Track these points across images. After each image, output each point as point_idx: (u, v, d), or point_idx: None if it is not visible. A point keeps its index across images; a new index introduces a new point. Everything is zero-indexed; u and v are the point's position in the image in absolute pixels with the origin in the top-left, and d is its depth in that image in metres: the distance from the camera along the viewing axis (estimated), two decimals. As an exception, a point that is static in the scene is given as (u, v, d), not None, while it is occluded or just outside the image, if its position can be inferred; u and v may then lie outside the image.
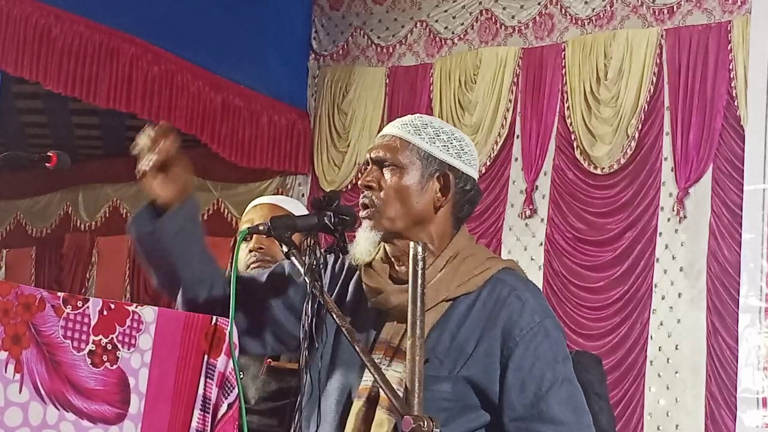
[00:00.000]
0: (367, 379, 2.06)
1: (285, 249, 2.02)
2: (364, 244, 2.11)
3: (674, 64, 6.38)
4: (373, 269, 2.15)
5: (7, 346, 1.61)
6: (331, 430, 2.09)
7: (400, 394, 1.83)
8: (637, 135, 6.42)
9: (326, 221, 2.05)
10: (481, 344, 2.05)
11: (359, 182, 2.16)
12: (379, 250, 2.18)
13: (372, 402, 2.03)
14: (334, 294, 2.18)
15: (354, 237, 2.14)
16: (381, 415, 2.01)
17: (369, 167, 2.16)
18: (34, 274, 9.81)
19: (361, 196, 2.15)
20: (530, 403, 2.02)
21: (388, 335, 2.09)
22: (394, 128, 2.19)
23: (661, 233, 6.30)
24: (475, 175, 2.20)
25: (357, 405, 2.05)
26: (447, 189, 2.14)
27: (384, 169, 2.14)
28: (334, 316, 1.93)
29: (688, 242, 6.22)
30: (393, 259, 2.15)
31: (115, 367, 1.72)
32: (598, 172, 6.52)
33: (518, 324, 2.05)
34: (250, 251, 2.87)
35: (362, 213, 2.14)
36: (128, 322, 1.74)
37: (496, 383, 2.04)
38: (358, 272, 2.18)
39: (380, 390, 2.00)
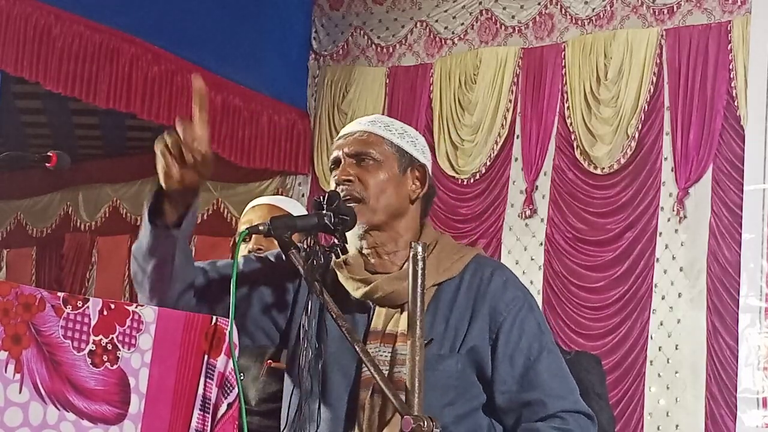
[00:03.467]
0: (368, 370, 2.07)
1: (285, 249, 2.03)
2: (349, 236, 2.13)
3: (674, 64, 6.38)
4: (350, 264, 2.18)
5: (7, 346, 1.61)
6: (340, 425, 2.10)
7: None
8: (637, 135, 6.42)
9: (326, 221, 2.05)
10: (474, 322, 2.11)
11: (335, 178, 2.17)
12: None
13: (379, 389, 2.02)
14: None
15: None
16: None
17: (344, 162, 2.18)
18: (35, 274, 9.81)
19: (339, 190, 2.14)
20: (520, 375, 2.09)
21: (380, 324, 2.12)
22: (361, 125, 2.22)
23: (661, 233, 6.30)
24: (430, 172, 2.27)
25: (364, 396, 2.07)
26: (423, 181, 2.21)
27: (362, 164, 2.17)
28: (334, 315, 1.94)
29: (688, 242, 6.22)
30: (369, 251, 2.17)
31: (115, 367, 1.72)
32: (598, 172, 6.52)
33: (503, 299, 2.13)
34: (249, 252, 2.86)
35: None
36: (128, 322, 1.74)
37: (489, 358, 2.10)
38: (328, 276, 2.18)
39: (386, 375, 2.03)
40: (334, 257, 2.18)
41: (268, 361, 2.81)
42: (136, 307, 1.76)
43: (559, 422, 2.07)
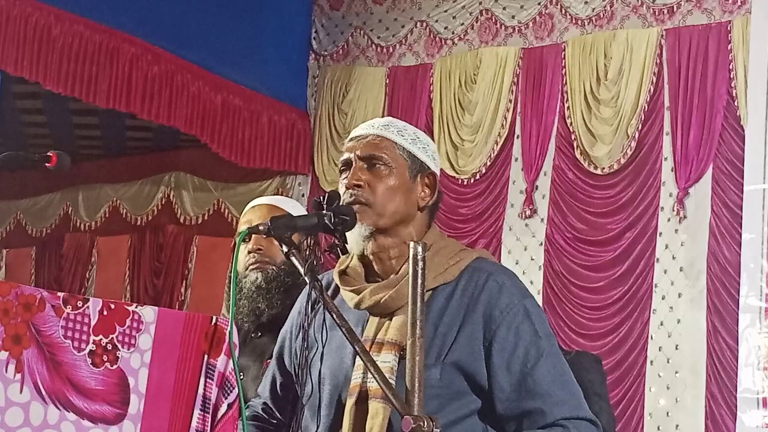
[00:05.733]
0: (357, 377, 2.07)
1: (285, 249, 2.03)
2: (353, 238, 2.13)
3: (674, 64, 6.37)
4: (348, 275, 2.18)
5: (7, 346, 1.61)
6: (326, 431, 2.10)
7: (392, 383, 1.89)
8: (637, 135, 6.42)
9: (326, 221, 2.05)
10: (463, 329, 2.08)
11: (345, 181, 2.16)
12: (352, 257, 2.20)
13: (363, 397, 2.05)
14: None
15: None
16: (375, 405, 2.03)
17: (354, 165, 2.17)
18: (34, 274, 9.81)
19: (347, 194, 2.15)
20: (517, 382, 2.05)
21: (371, 332, 2.11)
22: (375, 129, 2.21)
23: (661, 233, 6.30)
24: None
25: (350, 403, 2.06)
26: (434, 188, 2.20)
27: (373, 168, 2.16)
28: (334, 316, 1.94)
29: (688, 242, 6.22)
30: (372, 257, 2.17)
31: (115, 367, 1.72)
32: (598, 172, 6.51)
33: (497, 306, 2.08)
34: (249, 252, 2.85)
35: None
36: (128, 322, 1.74)
37: (483, 366, 2.06)
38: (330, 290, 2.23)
39: (371, 382, 2.03)
40: (336, 270, 2.20)
41: (268, 360, 2.81)
42: (135, 307, 1.76)
43: (560, 431, 2.03)
